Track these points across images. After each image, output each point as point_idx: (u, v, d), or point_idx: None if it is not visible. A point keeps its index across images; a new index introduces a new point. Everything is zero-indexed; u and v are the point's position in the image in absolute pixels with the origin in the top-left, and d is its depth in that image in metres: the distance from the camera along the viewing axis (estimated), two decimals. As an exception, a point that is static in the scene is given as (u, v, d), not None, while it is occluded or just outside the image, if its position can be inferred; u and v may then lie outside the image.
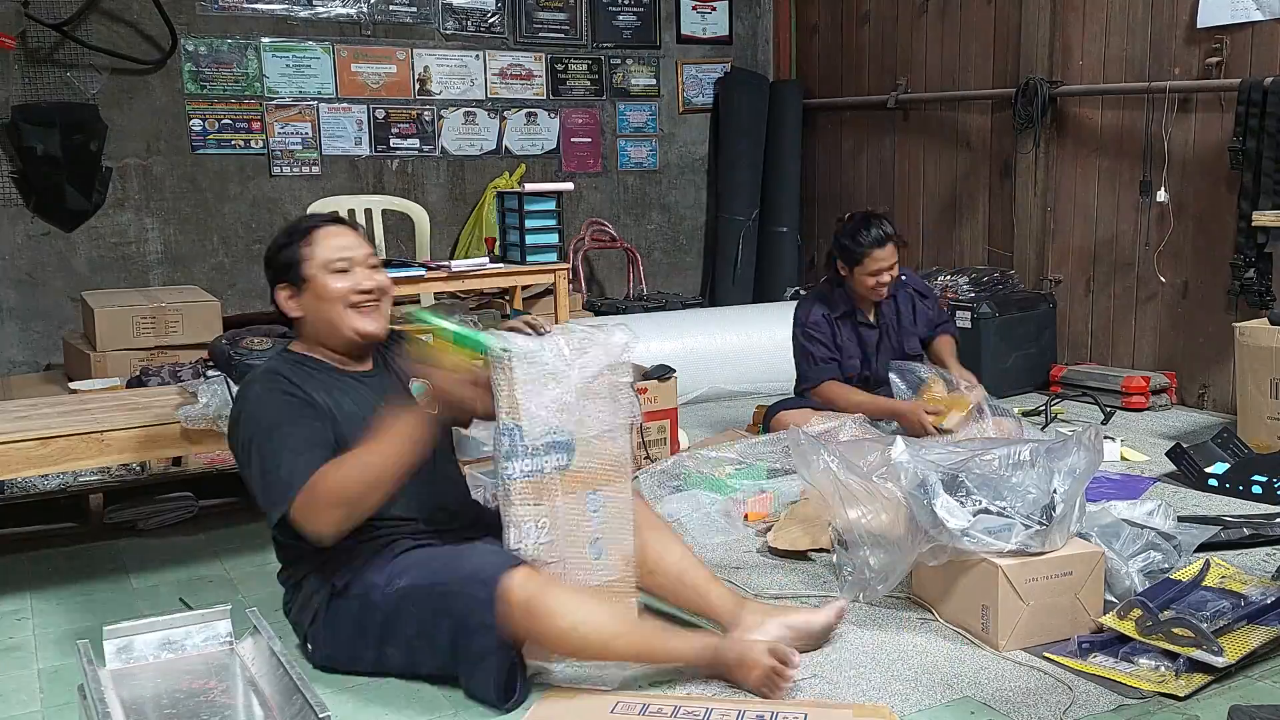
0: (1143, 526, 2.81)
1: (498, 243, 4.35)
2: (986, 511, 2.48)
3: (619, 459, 2.37)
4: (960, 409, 3.59)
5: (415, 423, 2.24)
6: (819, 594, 2.78)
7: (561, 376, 2.27)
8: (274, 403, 2.29)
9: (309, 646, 2.42)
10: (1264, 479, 3.50)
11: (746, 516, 3.34)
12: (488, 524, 2.43)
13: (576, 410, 2.29)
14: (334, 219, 2.50)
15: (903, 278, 4.01)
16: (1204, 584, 2.60)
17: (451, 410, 2.36)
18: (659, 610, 2.53)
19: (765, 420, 4.10)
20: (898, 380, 3.74)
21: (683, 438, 4.05)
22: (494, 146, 6.13)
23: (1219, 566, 2.74)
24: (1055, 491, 2.48)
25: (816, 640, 2.44)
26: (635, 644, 2.24)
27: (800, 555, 3.06)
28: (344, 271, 2.39)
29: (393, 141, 5.85)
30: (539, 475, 2.25)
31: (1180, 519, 3.01)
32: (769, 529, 3.21)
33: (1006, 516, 2.46)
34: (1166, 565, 2.75)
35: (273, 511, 2.24)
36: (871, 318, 3.99)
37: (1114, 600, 2.55)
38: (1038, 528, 2.44)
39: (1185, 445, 3.75)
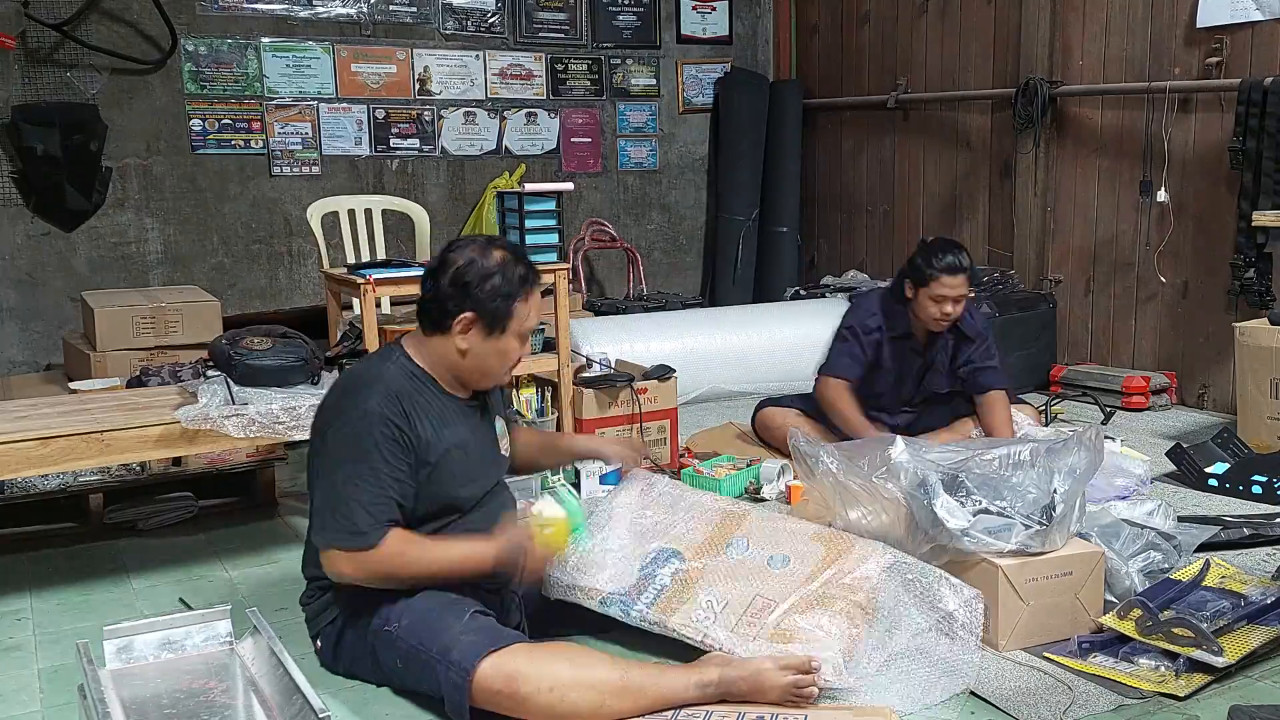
0: (1143, 526, 2.81)
1: (498, 243, 4.35)
2: (986, 511, 2.48)
3: (712, 518, 2.56)
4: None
5: (506, 552, 2.25)
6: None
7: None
8: (378, 431, 2.22)
9: (318, 643, 2.43)
10: (1264, 479, 3.50)
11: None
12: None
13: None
14: (539, 276, 2.41)
15: (967, 317, 3.80)
16: (1204, 584, 2.60)
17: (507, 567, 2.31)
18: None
19: (753, 414, 4.12)
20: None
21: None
22: (494, 146, 6.13)
23: (1219, 566, 2.74)
24: (1055, 491, 2.48)
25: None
26: (632, 696, 2.09)
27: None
28: (525, 340, 2.40)
29: (393, 141, 5.85)
30: (665, 590, 2.39)
31: (1180, 519, 3.02)
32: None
33: (1006, 516, 2.46)
34: (1166, 565, 2.75)
35: (317, 543, 2.26)
36: (924, 348, 3.83)
37: (1114, 600, 2.55)
38: (1038, 528, 2.44)
39: (1185, 445, 3.75)
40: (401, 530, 2.24)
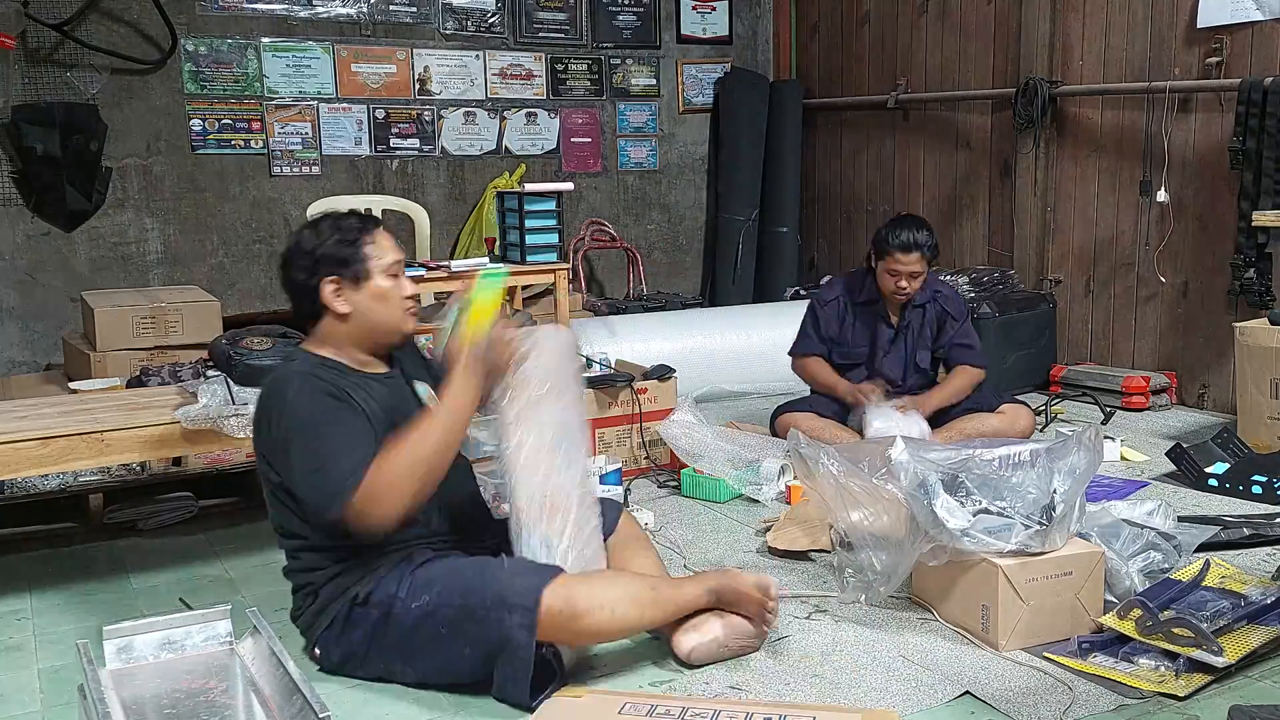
0: (1143, 526, 2.81)
1: (498, 242, 4.35)
2: (986, 511, 2.48)
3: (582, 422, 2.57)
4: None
5: (464, 388, 2.29)
6: (819, 594, 2.78)
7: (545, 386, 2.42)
8: (315, 401, 2.27)
9: (316, 651, 2.40)
10: (1264, 479, 3.50)
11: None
12: (496, 530, 2.49)
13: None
14: (378, 221, 2.47)
15: (941, 292, 4.04)
16: (1204, 584, 2.60)
17: (486, 380, 2.36)
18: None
19: (771, 421, 4.12)
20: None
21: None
22: (494, 146, 6.13)
23: (1219, 566, 2.74)
24: (1055, 491, 2.48)
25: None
26: (662, 606, 2.34)
27: (800, 555, 3.06)
28: (396, 276, 2.41)
29: (393, 141, 5.85)
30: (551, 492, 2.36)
31: (1180, 519, 3.02)
32: (769, 529, 3.21)
33: (1006, 516, 2.46)
34: (1166, 565, 2.75)
35: (325, 511, 2.23)
36: (894, 318, 4.00)
37: (1114, 600, 2.55)
38: (1037, 528, 2.44)
39: (1185, 445, 3.75)
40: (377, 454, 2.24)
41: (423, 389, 2.51)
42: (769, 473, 3.64)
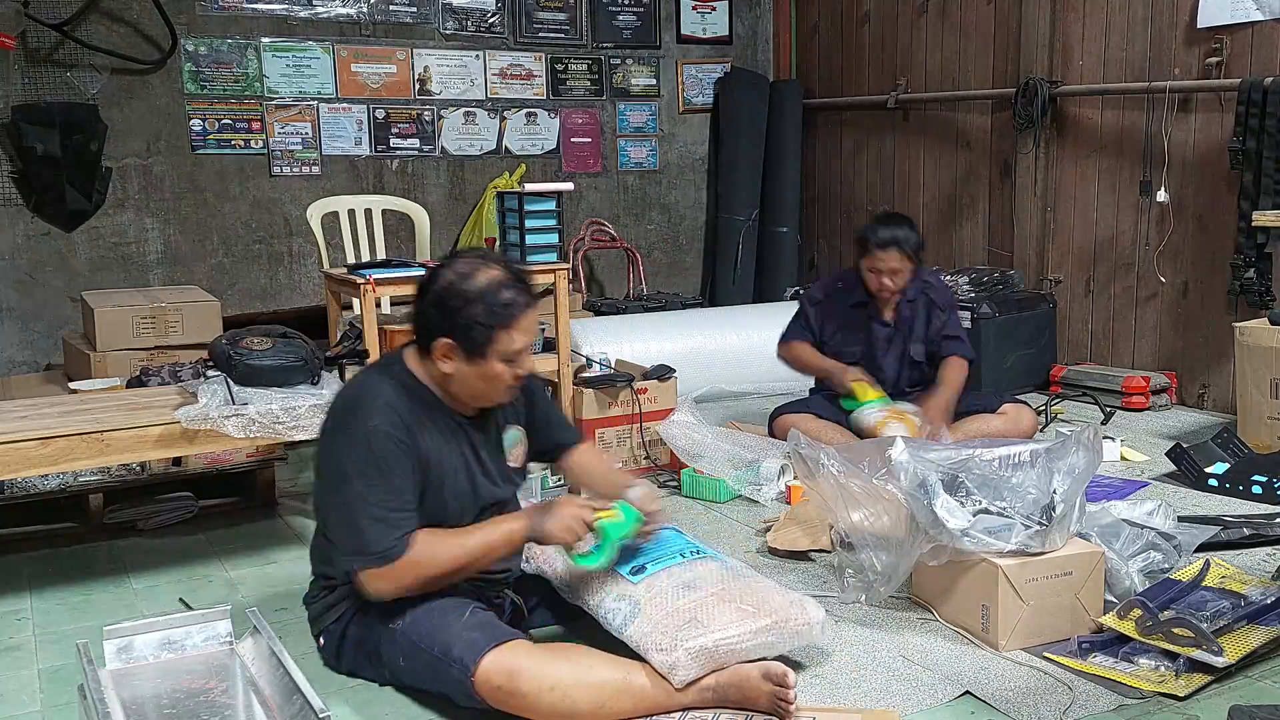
0: (1143, 526, 2.81)
1: (498, 242, 4.35)
2: (986, 512, 2.48)
3: None
4: (900, 422, 3.62)
5: (521, 532, 2.28)
6: (819, 594, 2.78)
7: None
8: (385, 447, 2.18)
9: (321, 641, 2.43)
10: (1264, 479, 3.50)
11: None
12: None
13: None
14: (537, 296, 2.31)
15: (929, 281, 4.05)
16: (1204, 584, 2.60)
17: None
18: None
19: (769, 422, 4.11)
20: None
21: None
22: (494, 146, 6.13)
23: (1219, 566, 2.74)
24: (1055, 492, 2.48)
25: None
26: (634, 696, 2.12)
27: (801, 555, 3.06)
28: (513, 362, 2.28)
29: (393, 141, 5.85)
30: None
31: (1180, 519, 3.02)
32: (769, 529, 3.21)
33: (1006, 517, 2.46)
34: (1166, 565, 2.75)
35: (344, 560, 2.22)
36: (887, 316, 3.99)
37: (1114, 600, 2.56)
38: (1037, 528, 2.44)
39: (1185, 445, 3.75)
40: (424, 531, 2.22)
41: (511, 436, 2.47)
42: (769, 473, 3.64)
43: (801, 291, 4.15)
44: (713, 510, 3.53)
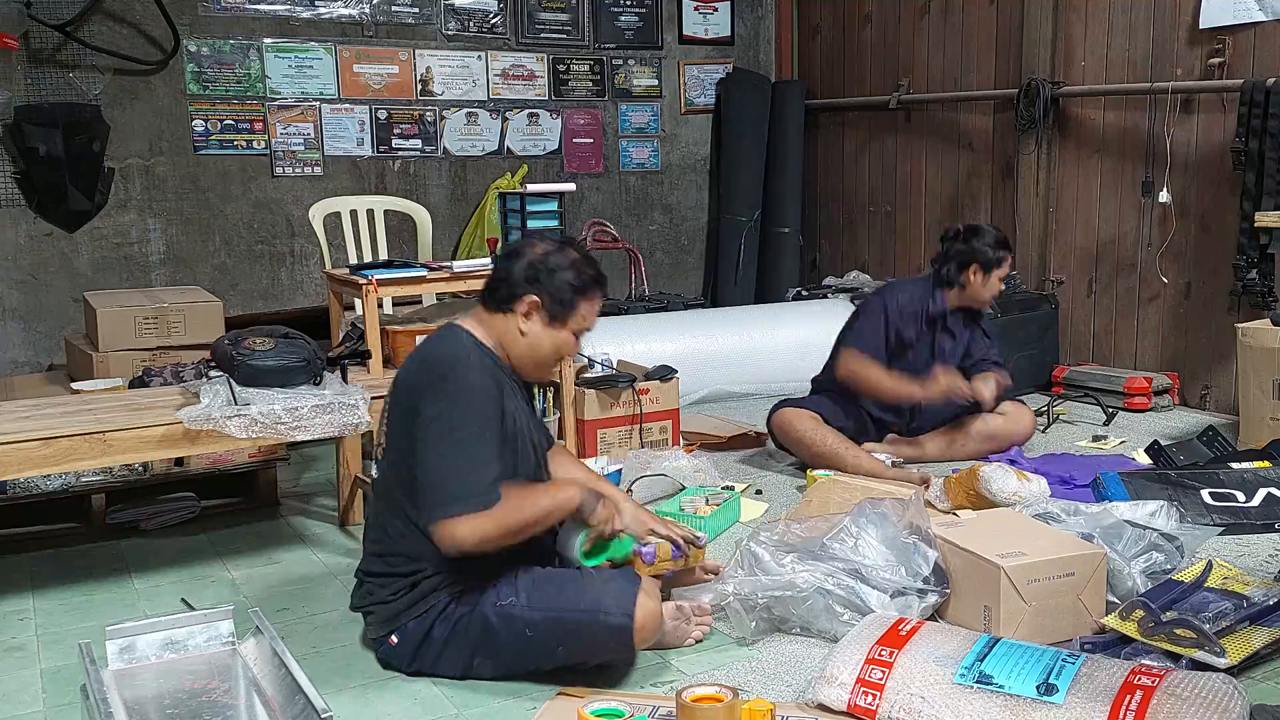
0: (1145, 528, 2.81)
1: (500, 243, 4.35)
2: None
3: None
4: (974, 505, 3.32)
5: (575, 501, 2.43)
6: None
7: None
8: (484, 403, 2.31)
9: (394, 639, 2.39)
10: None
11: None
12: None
13: None
14: (606, 284, 2.53)
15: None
16: (1206, 585, 2.60)
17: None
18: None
19: (768, 418, 4.06)
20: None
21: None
22: (496, 147, 6.13)
23: (1221, 568, 2.74)
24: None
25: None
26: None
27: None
28: (578, 338, 2.49)
29: (395, 142, 5.85)
30: None
31: (1124, 474, 3.10)
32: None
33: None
34: (1169, 566, 2.75)
35: (441, 506, 2.25)
36: (956, 330, 3.97)
37: (1116, 601, 2.55)
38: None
39: (1163, 443, 3.79)
40: (506, 484, 2.32)
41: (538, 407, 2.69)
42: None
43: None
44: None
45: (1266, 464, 3.46)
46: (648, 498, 3.55)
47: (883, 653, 2.18)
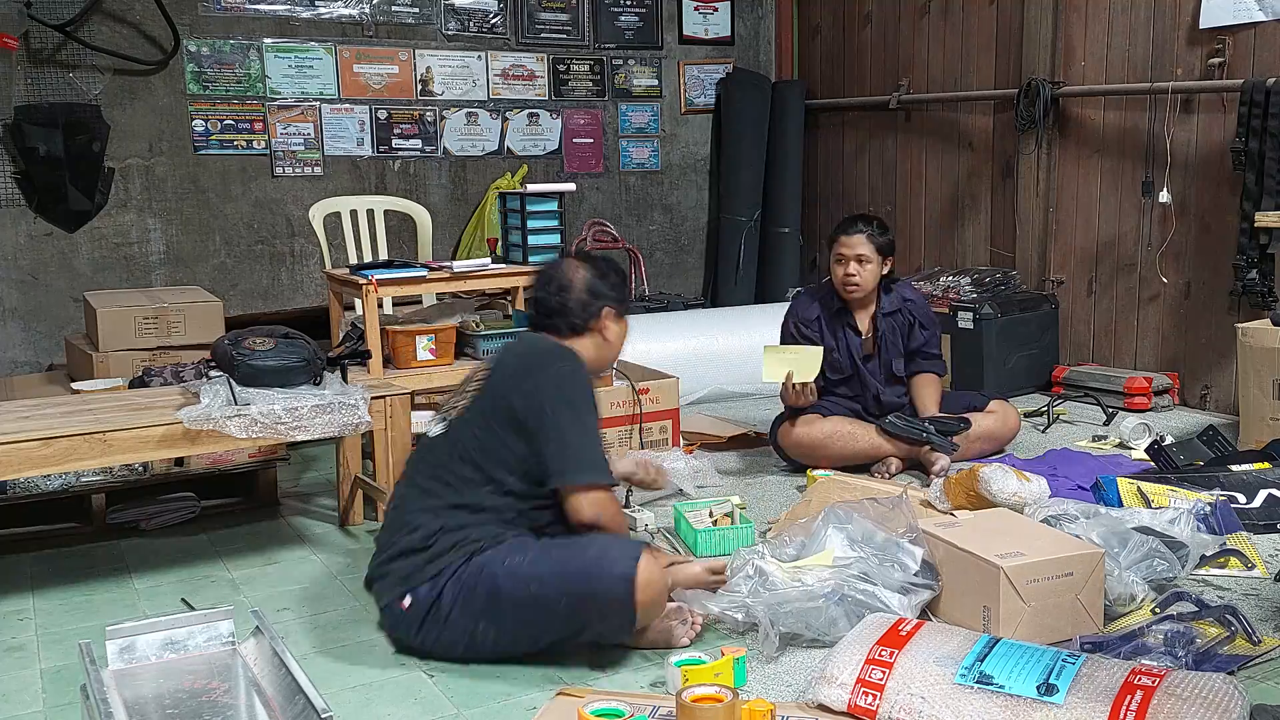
0: (1161, 535, 2.80)
1: (499, 243, 4.36)
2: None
3: None
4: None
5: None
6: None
7: None
8: (594, 398, 2.56)
9: (406, 603, 2.43)
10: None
11: None
12: None
13: None
14: None
15: (910, 297, 4.01)
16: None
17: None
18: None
19: (773, 432, 3.98)
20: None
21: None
22: (496, 147, 6.13)
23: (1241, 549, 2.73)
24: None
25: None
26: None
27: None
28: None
29: (395, 142, 5.86)
30: None
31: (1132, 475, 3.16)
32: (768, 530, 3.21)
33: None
34: (1170, 574, 2.75)
35: (577, 475, 2.46)
36: (863, 328, 3.96)
37: (1108, 604, 2.57)
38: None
39: (1163, 443, 3.79)
40: None
41: None
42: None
43: (788, 320, 4.02)
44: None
45: (1266, 465, 3.46)
46: (646, 499, 3.56)
47: (883, 653, 2.18)
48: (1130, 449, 4.07)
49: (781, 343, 4.00)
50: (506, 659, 2.43)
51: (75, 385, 3.96)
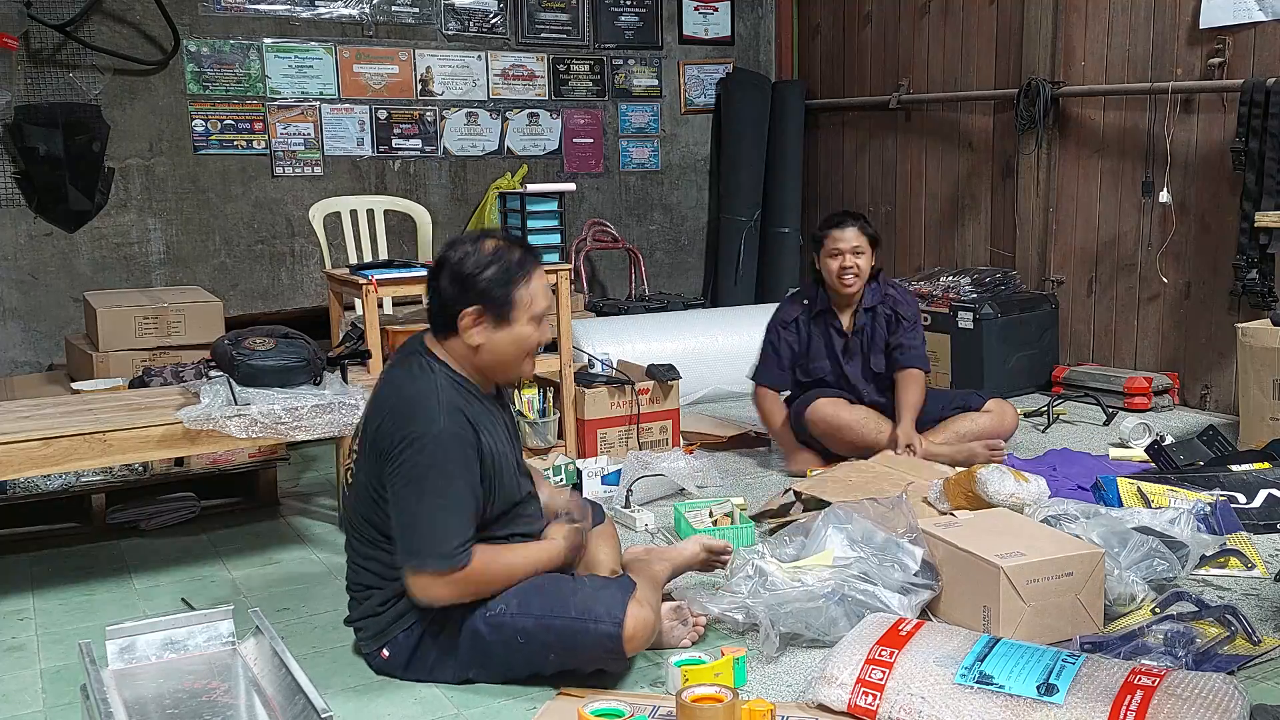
0: (1161, 535, 2.80)
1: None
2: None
3: None
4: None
5: (571, 550, 2.45)
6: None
7: None
8: (453, 450, 2.23)
9: (385, 653, 2.36)
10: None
11: None
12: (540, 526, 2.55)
13: None
14: (540, 254, 2.42)
15: (892, 292, 3.99)
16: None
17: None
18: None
19: (796, 414, 3.93)
20: None
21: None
22: (496, 147, 6.13)
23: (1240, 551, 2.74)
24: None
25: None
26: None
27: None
28: (538, 323, 2.36)
29: (395, 142, 5.85)
30: None
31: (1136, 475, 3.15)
32: (769, 530, 3.21)
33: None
34: (1170, 574, 2.75)
35: (408, 564, 2.22)
36: (845, 325, 3.95)
37: (1108, 604, 2.56)
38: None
39: (1163, 443, 3.78)
40: (481, 545, 2.27)
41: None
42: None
43: (771, 321, 4.03)
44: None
45: (1266, 465, 3.46)
46: (646, 498, 3.56)
47: (883, 653, 2.18)
48: (1129, 448, 4.07)
49: (762, 349, 4.01)
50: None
51: (75, 385, 3.96)
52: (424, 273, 3.88)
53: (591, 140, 6.42)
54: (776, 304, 5.85)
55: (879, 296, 3.95)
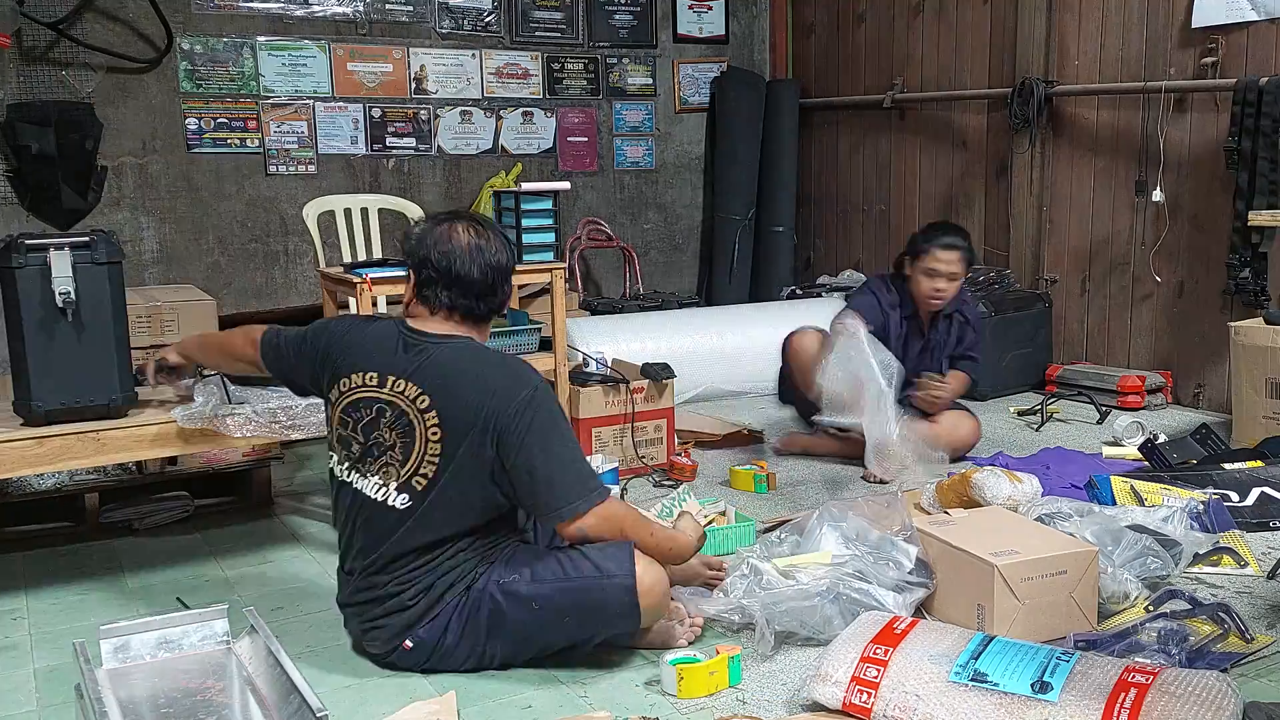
0: (1154, 533, 2.80)
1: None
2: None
3: None
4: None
5: (698, 547, 2.58)
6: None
7: None
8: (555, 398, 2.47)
9: (408, 644, 2.36)
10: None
11: None
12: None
13: None
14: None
15: (965, 299, 3.99)
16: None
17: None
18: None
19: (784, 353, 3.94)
20: None
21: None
22: (490, 146, 6.13)
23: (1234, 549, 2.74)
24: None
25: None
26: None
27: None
28: None
29: (389, 140, 5.85)
30: None
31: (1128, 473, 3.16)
32: (768, 528, 3.20)
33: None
34: (1163, 572, 2.76)
35: (572, 509, 2.31)
36: (925, 329, 3.95)
37: (1101, 602, 2.57)
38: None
39: (1156, 441, 3.79)
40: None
41: None
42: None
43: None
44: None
45: (1259, 463, 3.47)
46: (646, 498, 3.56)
47: (878, 651, 2.19)
48: (1122, 447, 4.08)
49: (862, 299, 3.90)
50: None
51: (68, 384, 3.95)
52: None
53: (586, 139, 6.41)
54: (770, 302, 5.90)
55: (956, 304, 3.94)
